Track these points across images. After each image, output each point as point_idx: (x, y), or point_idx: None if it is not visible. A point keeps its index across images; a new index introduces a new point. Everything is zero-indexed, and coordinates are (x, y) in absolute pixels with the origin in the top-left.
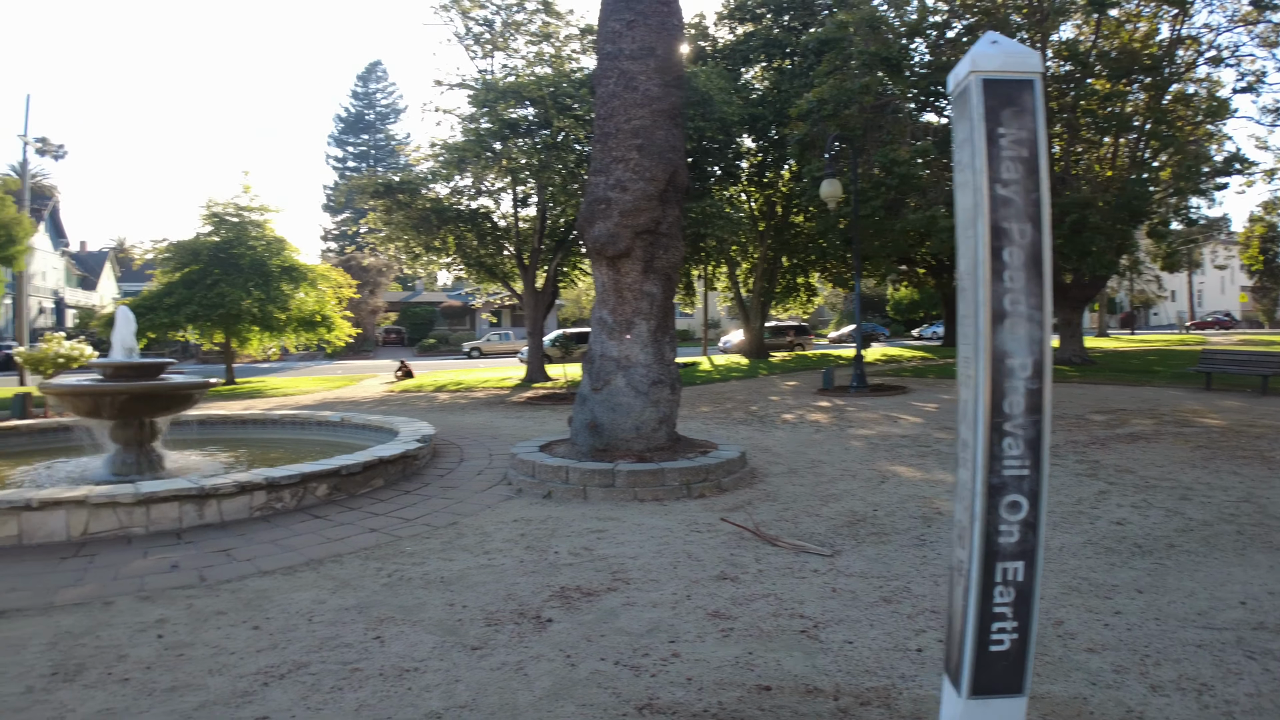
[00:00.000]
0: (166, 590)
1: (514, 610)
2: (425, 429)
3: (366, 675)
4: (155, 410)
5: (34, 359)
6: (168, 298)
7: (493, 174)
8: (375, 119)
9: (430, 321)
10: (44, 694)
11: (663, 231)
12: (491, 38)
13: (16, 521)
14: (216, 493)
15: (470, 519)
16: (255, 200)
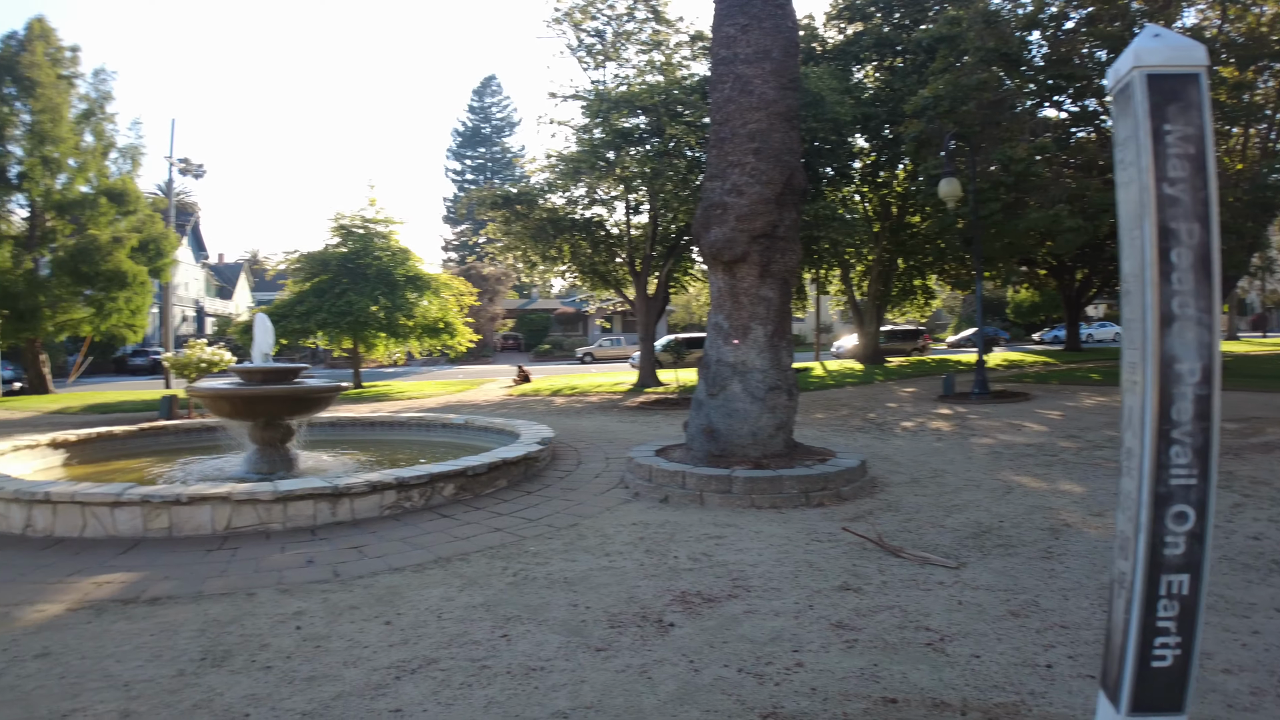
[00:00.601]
0: (303, 584)
1: (636, 613)
2: (545, 432)
3: (495, 673)
4: (291, 412)
5: (179, 364)
6: (299, 306)
7: (606, 183)
8: (491, 132)
9: (545, 328)
10: (194, 677)
11: (780, 235)
12: (603, 48)
13: (168, 515)
14: (349, 491)
15: (590, 521)
16: (380, 213)
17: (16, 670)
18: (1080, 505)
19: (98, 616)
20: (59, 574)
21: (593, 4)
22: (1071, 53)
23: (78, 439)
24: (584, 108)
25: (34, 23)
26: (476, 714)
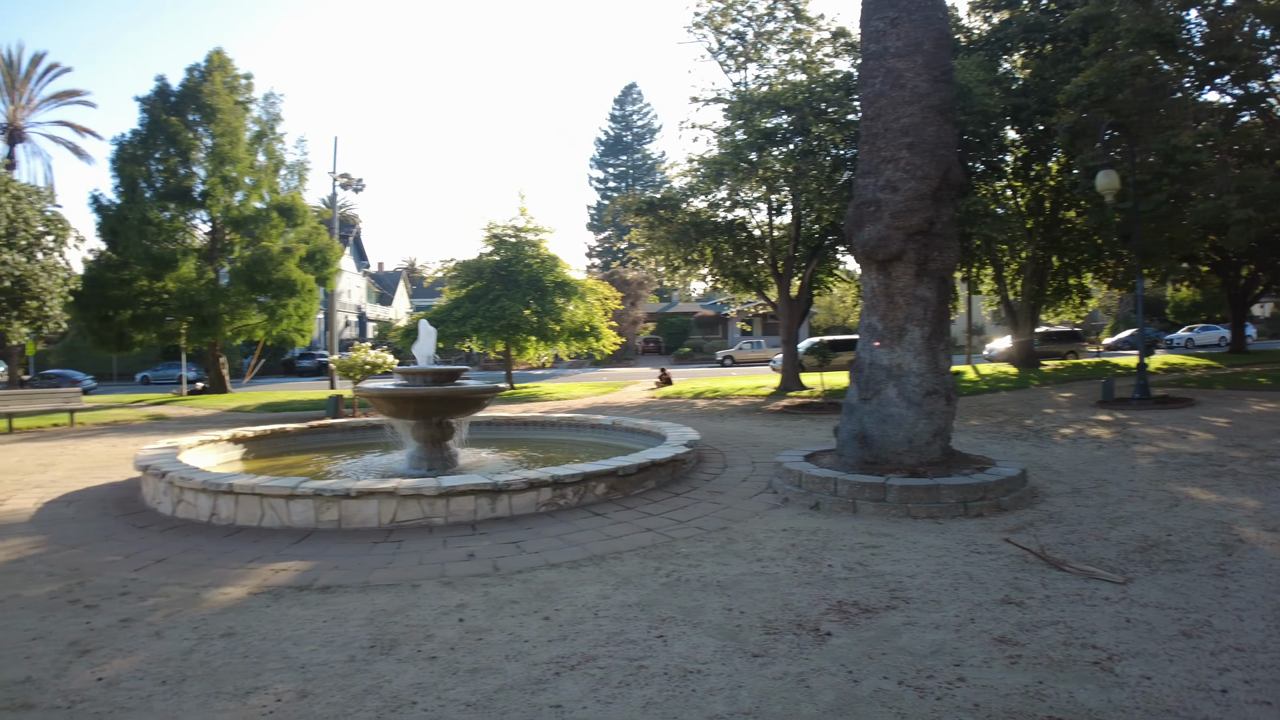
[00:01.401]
0: (465, 577)
1: (792, 620)
2: (691, 434)
3: (652, 673)
4: (452, 412)
5: (345, 366)
6: (456, 311)
7: (749, 184)
8: (632, 140)
9: (685, 331)
10: (364, 664)
11: (936, 232)
12: (744, 50)
13: (338, 508)
14: (508, 488)
15: (740, 525)
16: (530, 222)
17: (206, 648)
18: (1255, 520)
19: (275, 601)
20: (240, 560)
21: (732, 6)
22: (1233, 31)
23: (254, 435)
24: (726, 110)
25: (213, 54)
26: (635, 714)
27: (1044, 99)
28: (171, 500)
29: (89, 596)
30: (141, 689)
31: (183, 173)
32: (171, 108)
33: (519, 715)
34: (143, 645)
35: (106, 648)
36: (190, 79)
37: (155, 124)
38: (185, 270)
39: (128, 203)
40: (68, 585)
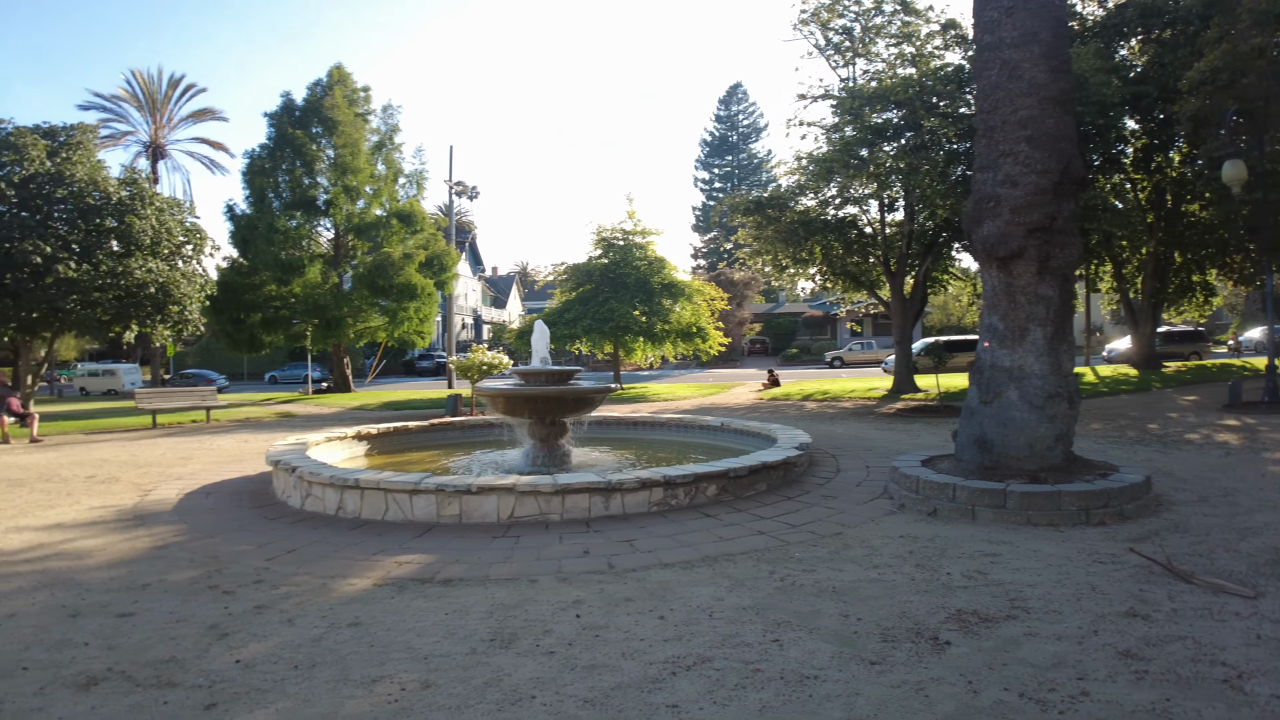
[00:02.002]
0: (580, 574)
1: (910, 628)
2: (802, 437)
3: (768, 677)
4: (565, 411)
5: (463, 366)
6: (566, 313)
7: (859, 181)
8: (738, 140)
9: (793, 331)
10: (484, 656)
11: (1058, 228)
12: (851, 45)
13: (458, 503)
14: (620, 487)
15: (854, 530)
16: (638, 225)
17: (334, 636)
18: None
19: (399, 593)
20: (365, 552)
21: (839, 1)
22: None
23: (378, 432)
24: (834, 106)
25: (333, 70)
26: (751, 717)
27: (1164, 86)
28: (301, 494)
29: (226, 583)
30: (275, 672)
31: (307, 183)
32: (296, 122)
33: (636, 713)
34: (276, 631)
35: (243, 632)
36: (313, 94)
37: (282, 137)
38: (311, 275)
39: (258, 212)
40: (207, 572)
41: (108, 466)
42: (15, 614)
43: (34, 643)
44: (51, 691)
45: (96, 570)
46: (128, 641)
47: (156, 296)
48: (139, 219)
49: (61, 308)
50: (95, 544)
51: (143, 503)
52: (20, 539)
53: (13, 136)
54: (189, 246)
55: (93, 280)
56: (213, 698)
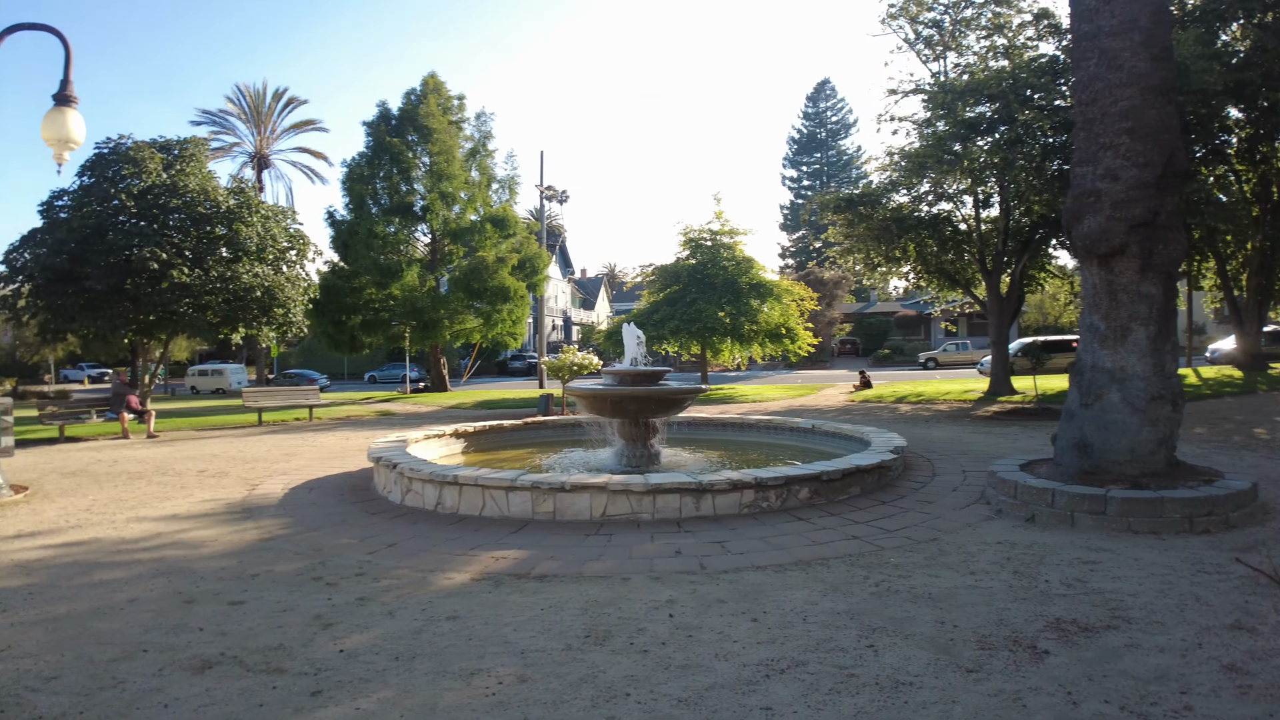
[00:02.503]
0: (672, 574)
1: (1007, 636)
2: (897, 440)
3: (862, 682)
4: (655, 411)
5: (555, 367)
6: (654, 315)
7: (952, 177)
8: (826, 137)
9: (884, 331)
10: (579, 653)
11: (1160, 223)
12: (941, 38)
13: (553, 500)
14: (711, 488)
15: (950, 536)
16: (726, 225)
17: (433, 629)
18: None
19: (496, 588)
20: (463, 547)
21: None
22: None
23: (474, 430)
24: (925, 101)
25: (428, 79)
26: None
27: (1269, 73)
28: (401, 490)
29: (329, 575)
30: (377, 663)
31: (404, 189)
32: (393, 130)
33: (730, 715)
34: (377, 623)
35: (346, 622)
36: (408, 103)
37: (379, 145)
38: (409, 279)
39: (357, 218)
40: (311, 564)
41: (217, 461)
42: (136, 599)
43: (153, 626)
44: (169, 673)
45: (209, 560)
46: (238, 628)
47: (263, 300)
48: (246, 226)
49: (176, 311)
50: (207, 535)
51: (250, 496)
52: (140, 528)
53: (132, 151)
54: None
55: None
56: (318, 685)
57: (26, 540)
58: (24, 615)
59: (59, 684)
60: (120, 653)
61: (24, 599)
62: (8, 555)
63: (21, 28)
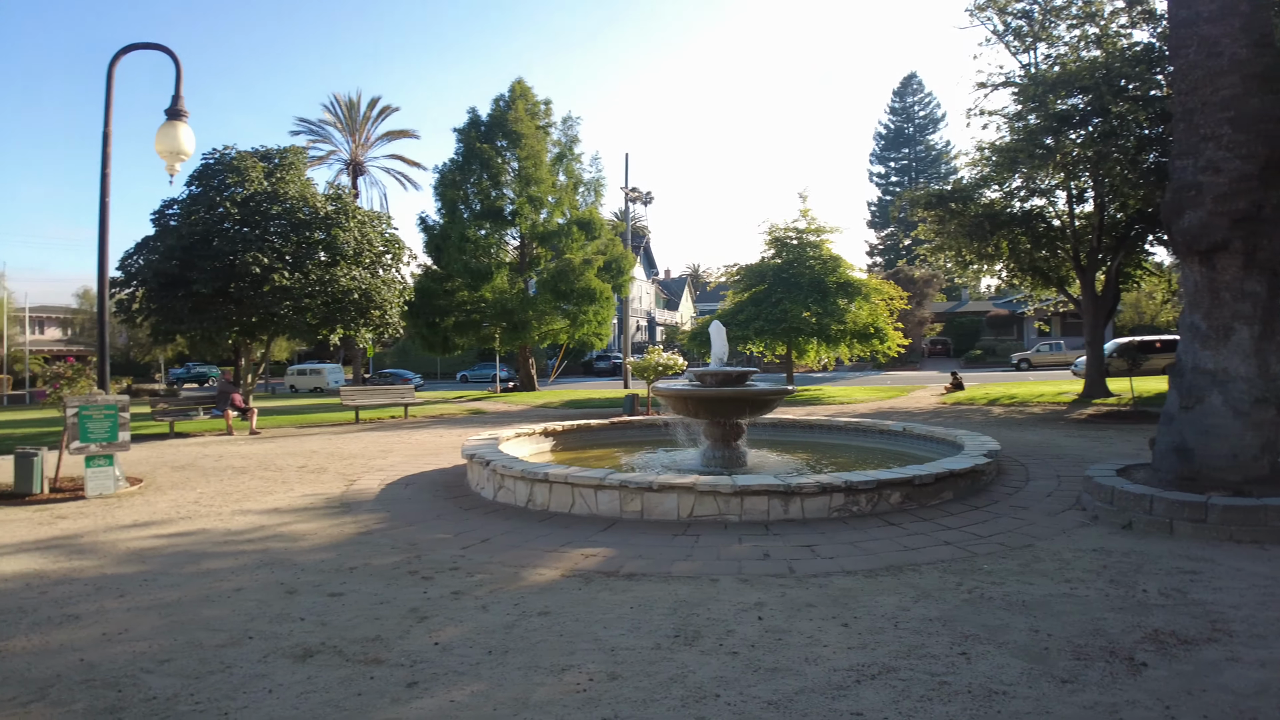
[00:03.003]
0: (761, 576)
1: (1103, 647)
2: (990, 444)
3: (954, 690)
4: (741, 413)
5: (640, 367)
6: (739, 315)
7: (1045, 172)
8: (914, 132)
9: (976, 332)
10: (669, 652)
11: (1265, 217)
12: (1030, 29)
13: (640, 500)
14: (800, 491)
15: (1045, 543)
16: (812, 223)
17: (524, 624)
18: None
19: (586, 585)
20: (553, 544)
21: None
22: None
23: (562, 429)
24: (1015, 94)
25: (515, 84)
26: None
27: None
28: (493, 486)
29: (424, 569)
30: (470, 656)
31: (494, 194)
32: (482, 136)
33: (819, 719)
34: (470, 616)
35: (440, 616)
36: (496, 109)
37: (470, 151)
38: (499, 282)
39: (449, 223)
40: (407, 558)
41: (316, 457)
42: (241, 588)
43: (258, 615)
44: (273, 660)
45: (309, 552)
46: (337, 619)
47: (360, 302)
48: (343, 231)
49: (277, 313)
50: (308, 528)
51: (348, 491)
52: (245, 520)
53: (236, 160)
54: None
55: (304, 288)
56: (414, 676)
57: (141, 529)
58: (139, 600)
59: (171, 666)
60: (227, 639)
61: (139, 585)
62: (124, 543)
63: (136, 47)
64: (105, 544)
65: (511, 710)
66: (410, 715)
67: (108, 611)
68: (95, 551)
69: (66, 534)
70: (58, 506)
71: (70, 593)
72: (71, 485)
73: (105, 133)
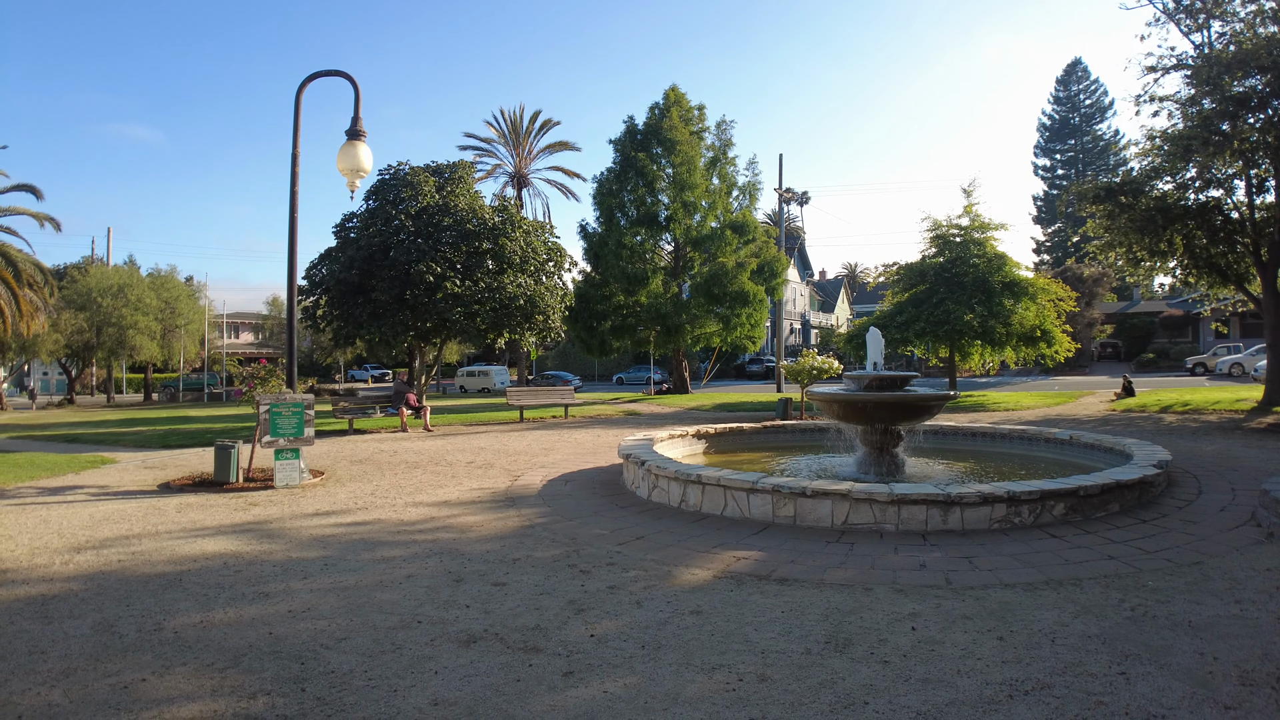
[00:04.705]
0: (916, 587)
1: (1272, 672)
2: (1160, 454)
3: (1111, 711)
4: (900, 418)
5: (794, 370)
6: (898, 316)
7: (1221, 160)
8: (1080, 121)
9: (1148, 333)
10: (819, 658)
11: None
12: (1204, 5)
13: (793, 505)
14: (960, 501)
15: (1215, 560)
16: (976, 219)
17: (677, 622)
18: None
19: (737, 587)
20: (706, 545)
21: None
22: None
23: (715, 432)
24: (1187, 77)
25: (669, 91)
26: None
27: None
28: (648, 486)
29: (583, 563)
30: (625, 650)
31: (649, 201)
32: (638, 145)
33: None
34: (626, 611)
35: (597, 609)
36: (651, 116)
37: (626, 160)
38: (654, 286)
39: (607, 230)
40: (566, 551)
41: (484, 454)
42: (413, 575)
43: (426, 601)
44: (439, 644)
45: (475, 543)
46: (500, 608)
47: (525, 308)
48: (509, 241)
49: (449, 318)
50: (474, 520)
51: (513, 486)
52: (417, 512)
53: (409, 175)
54: (551, 263)
55: (473, 295)
56: (570, 666)
57: (323, 518)
58: (321, 583)
59: (348, 645)
60: (399, 622)
61: (321, 569)
62: (308, 530)
63: (321, 75)
64: (291, 530)
65: (662, 705)
66: (566, 703)
67: (293, 591)
68: (283, 536)
69: (258, 520)
70: (250, 494)
71: (261, 573)
72: (262, 475)
73: (294, 153)
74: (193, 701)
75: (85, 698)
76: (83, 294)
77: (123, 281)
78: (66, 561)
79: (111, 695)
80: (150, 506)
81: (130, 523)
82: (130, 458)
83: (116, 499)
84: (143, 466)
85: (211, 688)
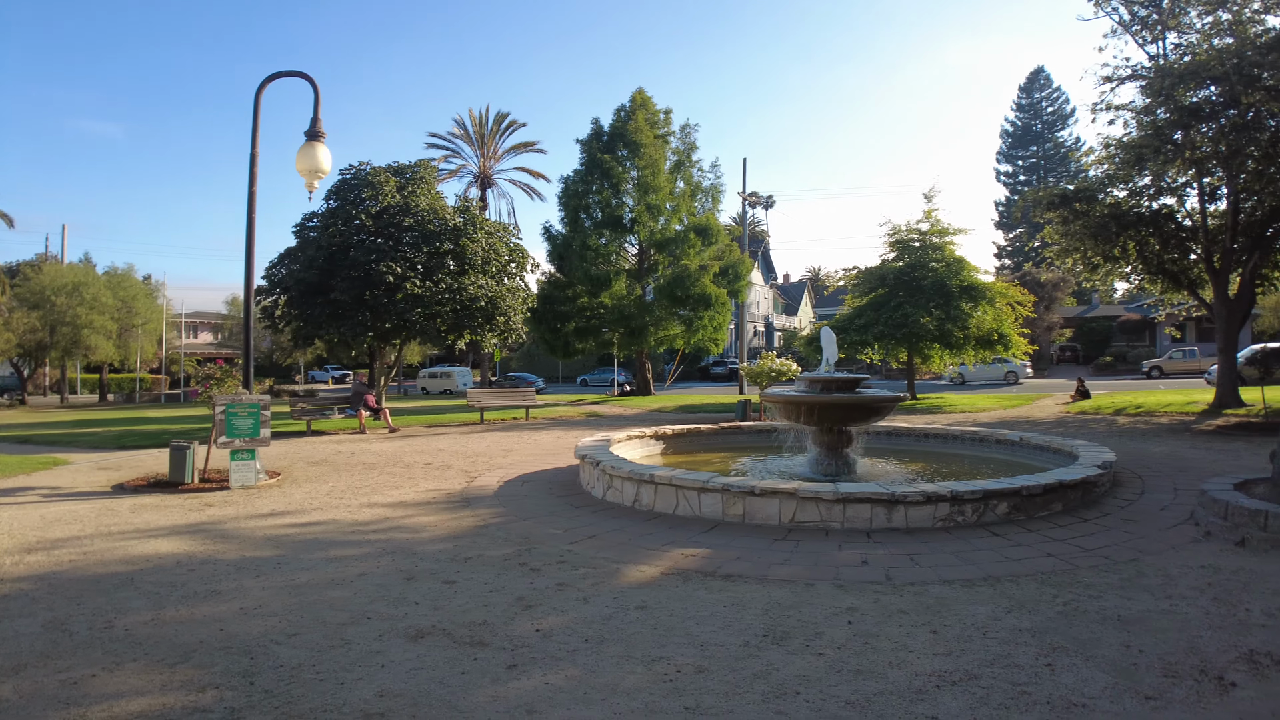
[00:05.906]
0: (857, 583)
1: (1195, 665)
2: (1105, 455)
3: (1034, 700)
4: (850, 419)
5: (754, 372)
6: (858, 319)
7: (1174, 168)
8: (1042, 129)
9: (1106, 337)
10: (756, 650)
11: None
12: (1159, 17)
13: (743, 504)
14: (904, 500)
15: (1152, 558)
16: (936, 224)
17: (622, 617)
18: None
19: (684, 583)
20: (656, 543)
21: None
22: None
23: (673, 433)
24: (1142, 87)
25: (635, 95)
26: None
27: None
28: (603, 486)
29: (534, 561)
30: (569, 644)
31: (615, 203)
32: (604, 146)
33: None
34: (573, 607)
35: (544, 605)
36: (618, 119)
37: (592, 162)
38: (618, 288)
39: (572, 232)
40: (519, 550)
41: (442, 455)
42: (365, 574)
43: (377, 598)
44: (388, 639)
45: (429, 543)
46: (450, 605)
47: (487, 309)
48: (471, 242)
49: (409, 319)
50: (429, 520)
51: (469, 487)
52: (371, 513)
53: (371, 175)
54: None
55: (434, 295)
56: (514, 660)
57: (278, 518)
58: (273, 581)
59: (298, 640)
60: (349, 618)
61: (274, 567)
62: (262, 530)
63: (280, 75)
64: (246, 530)
65: (601, 695)
66: (508, 694)
67: (246, 589)
68: (237, 536)
69: (213, 520)
70: (206, 495)
71: (214, 572)
72: (218, 476)
73: (252, 154)
74: (142, 696)
75: (35, 693)
76: (36, 292)
77: (78, 280)
78: (17, 562)
79: (61, 690)
80: (104, 507)
81: (83, 523)
82: (84, 459)
83: (69, 500)
84: (97, 468)
85: (161, 682)
